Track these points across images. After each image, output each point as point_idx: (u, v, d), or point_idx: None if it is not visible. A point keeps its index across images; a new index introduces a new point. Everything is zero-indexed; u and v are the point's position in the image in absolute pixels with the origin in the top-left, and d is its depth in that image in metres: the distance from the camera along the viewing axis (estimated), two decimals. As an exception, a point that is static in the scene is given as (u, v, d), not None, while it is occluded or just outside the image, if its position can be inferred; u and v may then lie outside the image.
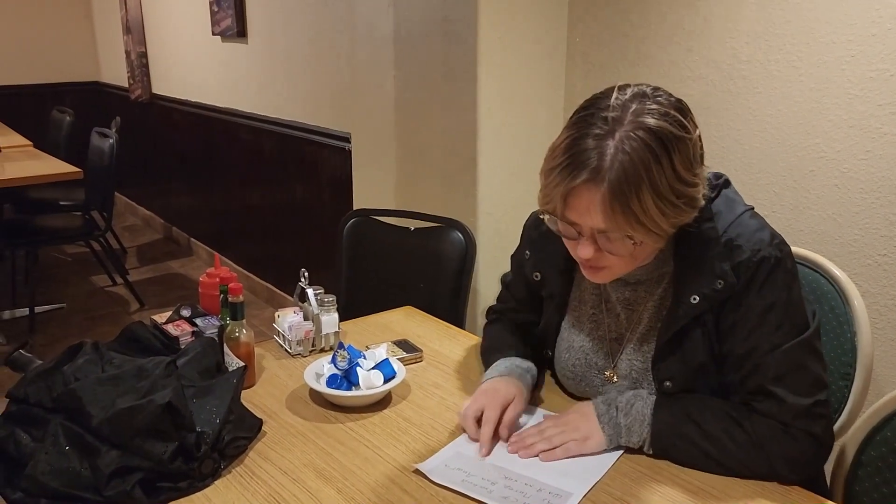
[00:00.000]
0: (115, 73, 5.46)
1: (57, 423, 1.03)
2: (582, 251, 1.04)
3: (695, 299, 1.08)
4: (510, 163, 2.26)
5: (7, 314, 3.71)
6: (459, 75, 2.19)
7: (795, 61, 1.73)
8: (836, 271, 1.47)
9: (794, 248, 1.53)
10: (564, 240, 1.09)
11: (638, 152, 0.96)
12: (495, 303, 1.44)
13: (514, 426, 1.15)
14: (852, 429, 1.20)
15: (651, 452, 1.10)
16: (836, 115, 1.68)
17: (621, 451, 1.12)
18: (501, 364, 1.24)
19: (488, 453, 1.10)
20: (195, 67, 4.28)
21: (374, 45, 2.52)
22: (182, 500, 1.01)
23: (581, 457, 1.10)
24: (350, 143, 2.87)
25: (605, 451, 1.12)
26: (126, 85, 5.18)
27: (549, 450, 1.11)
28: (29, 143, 4.13)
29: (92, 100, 5.72)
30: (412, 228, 2.04)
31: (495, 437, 1.13)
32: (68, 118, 4.50)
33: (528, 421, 1.21)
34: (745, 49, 1.82)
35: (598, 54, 2.18)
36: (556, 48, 2.26)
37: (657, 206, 0.97)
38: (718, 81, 1.90)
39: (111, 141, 3.65)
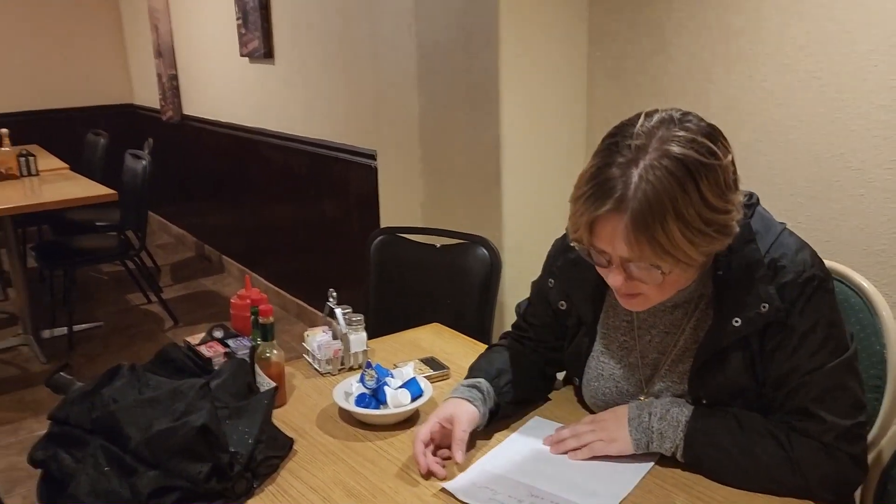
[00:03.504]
0: (148, 95, 5.60)
1: (97, 444, 1.07)
2: (612, 280, 1.04)
3: (737, 322, 1.07)
4: (534, 179, 2.28)
5: (47, 333, 3.82)
6: (482, 93, 2.22)
7: (816, 72, 1.73)
8: (864, 282, 1.45)
9: (820, 260, 1.53)
10: (598, 267, 1.09)
11: (662, 181, 0.95)
12: (510, 329, 1.43)
13: (464, 442, 1.14)
14: (882, 442, 1.19)
15: (683, 461, 1.11)
16: (859, 124, 1.67)
17: (650, 465, 1.13)
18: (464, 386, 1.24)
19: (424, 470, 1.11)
20: (224, 88, 4.38)
21: (397, 64, 2.57)
22: (217, 518, 1.04)
23: (609, 465, 1.12)
24: (376, 160, 2.92)
25: (633, 456, 1.13)
26: (158, 107, 5.30)
27: (578, 448, 1.13)
28: (66, 165, 4.25)
29: (125, 121, 5.87)
30: (438, 245, 2.07)
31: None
32: (103, 141, 4.64)
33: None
34: (767, 61, 1.82)
35: (618, 68, 2.20)
36: (577, 64, 2.28)
37: (684, 235, 0.96)
38: (740, 93, 1.90)
39: (144, 163, 3.74)
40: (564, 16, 2.22)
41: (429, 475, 1.12)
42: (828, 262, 1.53)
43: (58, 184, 3.80)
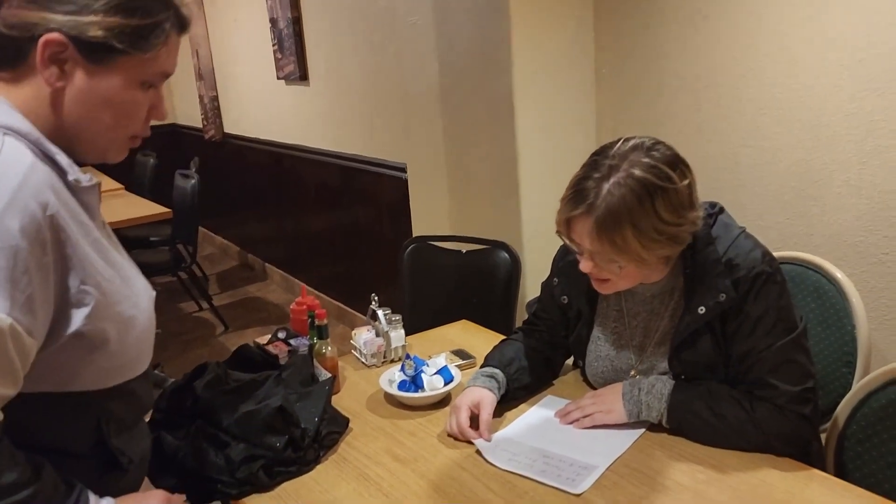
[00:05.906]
0: (190, 115, 5.94)
1: (196, 425, 1.34)
2: (583, 266, 1.31)
3: (701, 310, 1.31)
4: (549, 187, 2.50)
5: (111, 341, 4.15)
6: (499, 111, 2.45)
7: (794, 85, 1.94)
8: (837, 272, 1.68)
9: (798, 254, 1.76)
10: (575, 255, 1.34)
11: (624, 196, 1.20)
12: (523, 325, 1.66)
13: (489, 423, 1.38)
14: (839, 407, 1.41)
15: (668, 426, 1.34)
16: (835, 130, 1.88)
17: (641, 431, 1.37)
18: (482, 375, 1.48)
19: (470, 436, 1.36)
20: (263, 109, 4.68)
21: (422, 83, 2.81)
22: (293, 480, 1.31)
23: (607, 432, 1.36)
24: (406, 172, 3.17)
25: (627, 424, 1.37)
26: (200, 126, 5.64)
27: (582, 418, 1.38)
28: (121, 186, 4.59)
29: (170, 141, 6.21)
30: (464, 251, 2.32)
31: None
32: (152, 161, 4.98)
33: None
34: (752, 74, 2.03)
35: (623, 84, 2.42)
36: (586, 81, 2.49)
37: (638, 240, 1.21)
38: (730, 103, 2.11)
39: (193, 181, 4.06)
40: (572, 37, 2.43)
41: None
42: (806, 255, 1.76)
43: (116, 203, 4.12)
